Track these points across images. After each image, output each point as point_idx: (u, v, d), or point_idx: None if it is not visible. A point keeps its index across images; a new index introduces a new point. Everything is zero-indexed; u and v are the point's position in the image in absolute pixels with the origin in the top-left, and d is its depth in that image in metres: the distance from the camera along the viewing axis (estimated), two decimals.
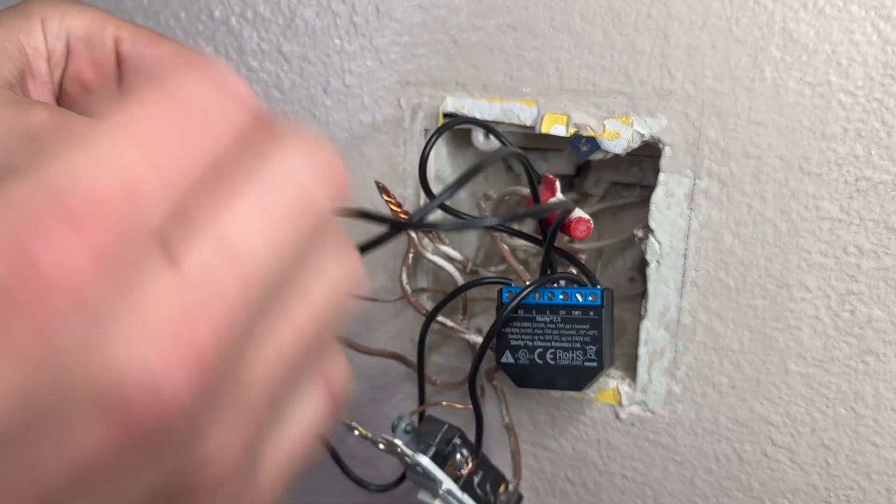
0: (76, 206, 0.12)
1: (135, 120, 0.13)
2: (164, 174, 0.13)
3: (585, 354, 0.36)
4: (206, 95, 0.14)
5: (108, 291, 0.12)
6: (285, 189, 0.15)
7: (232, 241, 0.14)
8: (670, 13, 0.36)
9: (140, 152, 0.13)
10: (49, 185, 0.12)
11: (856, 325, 0.36)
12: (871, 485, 0.37)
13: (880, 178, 0.34)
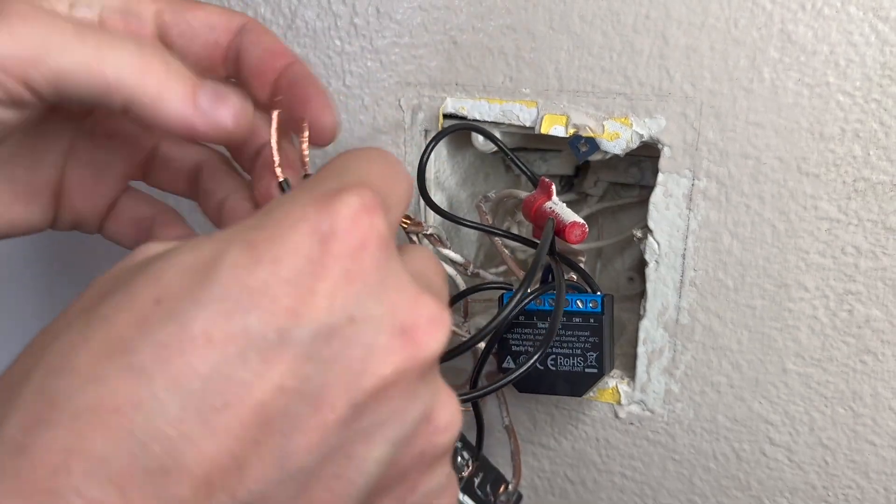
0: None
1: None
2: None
3: (586, 361, 0.36)
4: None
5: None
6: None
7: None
8: (669, 14, 0.36)
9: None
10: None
11: (854, 325, 0.36)
12: (870, 483, 0.38)
13: (878, 178, 0.34)
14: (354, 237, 0.19)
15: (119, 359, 0.17)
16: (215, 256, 0.18)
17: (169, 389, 0.17)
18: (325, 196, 0.19)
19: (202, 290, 0.18)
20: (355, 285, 0.19)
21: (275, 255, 0.18)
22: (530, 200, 0.37)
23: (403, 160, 0.44)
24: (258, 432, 0.17)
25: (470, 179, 0.47)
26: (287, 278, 0.18)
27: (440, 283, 0.23)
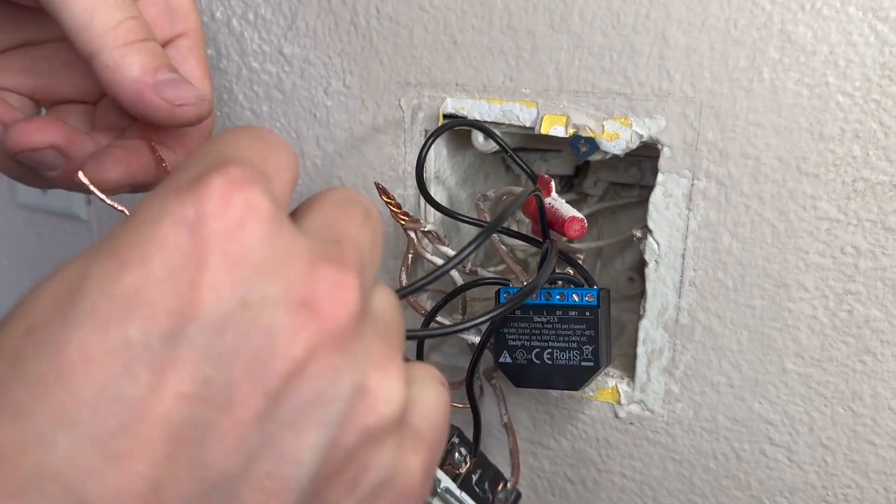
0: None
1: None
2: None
3: (582, 354, 0.36)
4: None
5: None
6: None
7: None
8: (669, 14, 0.36)
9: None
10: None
11: (853, 325, 0.36)
12: (869, 483, 0.38)
13: (878, 178, 0.34)
14: (227, 218, 0.17)
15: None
16: (81, 273, 0.17)
17: (54, 423, 0.15)
18: (187, 183, 0.17)
19: (72, 308, 0.16)
20: (239, 267, 0.17)
21: (141, 255, 0.17)
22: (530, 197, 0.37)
23: (403, 160, 0.44)
24: (167, 448, 0.16)
25: (470, 179, 0.47)
26: (160, 277, 0.17)
27: (353, 231, 0.20)
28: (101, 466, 0.15)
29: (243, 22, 0.46)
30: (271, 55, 0.46)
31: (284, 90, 0.47)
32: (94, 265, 0.17)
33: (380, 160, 0.45)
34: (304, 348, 0.17)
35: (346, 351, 0.18)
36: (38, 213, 0.64)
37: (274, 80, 0.47)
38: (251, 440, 0.17)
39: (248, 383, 0.17)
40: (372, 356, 0.20)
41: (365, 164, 0.45)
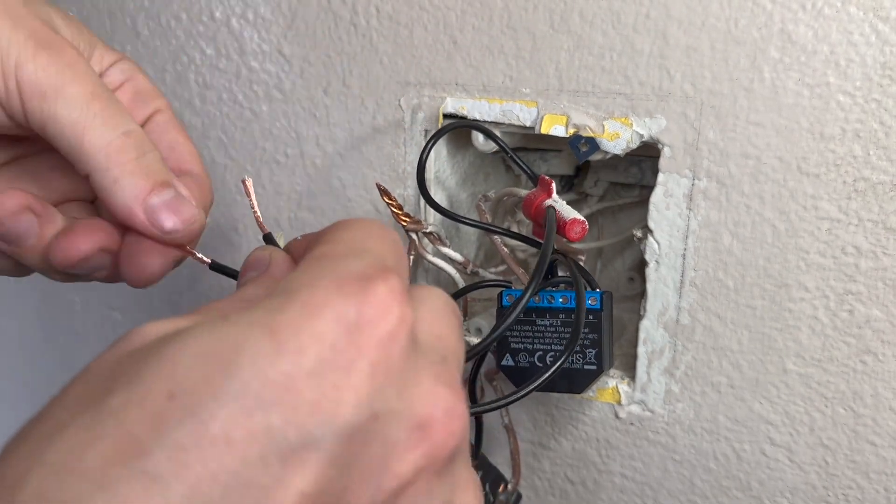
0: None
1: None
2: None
3: (585, 357, 0.36)
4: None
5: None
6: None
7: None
8: (669, 14, 0.36)
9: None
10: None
11: (854, 325, 0.36)
12: (870, 484, 0.38)
13: (878, 178, 0.34)
14: (383, 328, 0.18)
15: (132, 463, 0.16)
16: (235, 344, 0.17)
17: (186, 498, 0.16)
18: (350, 281, 0.18)
19: (222, 383, 0.16)
20: (380, 379, 0.18)
21: (299, 344, 0.17)
22: (530, 198, 0.37)
23: (403, 160, 0.44)
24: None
25: (470, 179, 0.47)
26: (311, 370, 0.17)
27: (454, 345, 0.22)
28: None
29: (243, 21, 0.46)
30: (271, 55, 0.46)
31: (284, 90, 0.46)
32: (250, 342, 0.17)
33: (380, 160, 0.45)
34: (412, 468, 0.19)
35: (444, 475, 0.20)
36: None
37: (274, 80, 0.47)
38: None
39: (360, 492, 0.18)
40: (459, 480, 0.21)
41: (365, 164, 0.45)
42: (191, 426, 0.16)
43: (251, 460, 0.16)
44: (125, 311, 0.61)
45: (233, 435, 0.16)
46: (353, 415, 0.17)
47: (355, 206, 0.46)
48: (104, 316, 0.63)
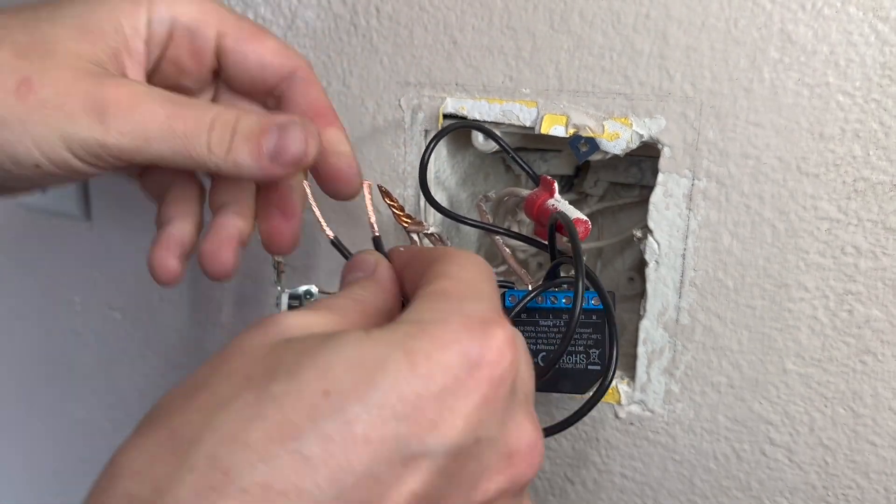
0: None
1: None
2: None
3: (589, 358, 0.36)
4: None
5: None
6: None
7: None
8: (669, 14, 0.36)
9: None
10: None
11: (854, 325, 0.36)
12: (870, 484, 0.38)
13: (878, 178, 0.34)
14: (498, 369, 0.22)
15: (290, 444, 0.19)
16: (380, 360, 0.21)
17: (329, 481, 0.19)
18: (475, 324, 0.22)
19: (367, 391, 0.20)
20: (487, 411, 0.21)
21: (429, 370, 0.21)
22: (532, 198, 0.37)
23: (403, 160, 0.44)
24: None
25: (470, 179, 0.47)
26: (435, 393, 0.21)
27: (532, 383, 0.25)
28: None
29: None
30: None
31: None
32: (391, 361, 0.21)
33: (380, 160, 0.45)
34: (497, 489, 0.22)
35: (518, 498, 0.24)
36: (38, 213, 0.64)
37: None
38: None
39: (454, 501, 0.21)
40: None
41: (365, 164, 0.45)
42: (340, 422, 0.19)
43: (380, 459, 0.20)
44: (125, 311, 0.61)
45: (371, 436, 0.20)
46: (462, 436, 0.21)
47: (356, 207, 0.47)
48: (104, 316, 0.63)
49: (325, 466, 0.19)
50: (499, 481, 0.22)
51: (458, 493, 0.21)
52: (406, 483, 0.20)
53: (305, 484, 0.19)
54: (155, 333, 0.60)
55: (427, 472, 0.20)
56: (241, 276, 0.54)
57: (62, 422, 0.69)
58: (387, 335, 0.22)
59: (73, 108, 0.28)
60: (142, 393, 0.63)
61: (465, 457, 0.21)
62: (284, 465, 0.19)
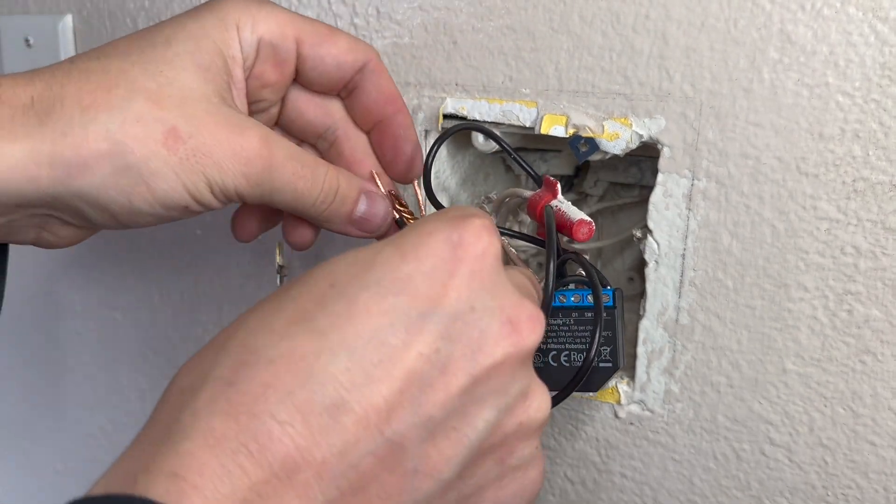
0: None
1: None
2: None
3: (599, 355, 0.36)
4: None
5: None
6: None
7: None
8: (669, 15, 0.36)
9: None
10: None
11: (853, 325, 0.36)
12: (869, 483, 0.38)
13: (878, 178, 0.34)
14: (478, 247, 0.25)
15: (304, 324, 0.23)
16: (374, 254, 0.25)
17: (340, 345, 0.23)
18: (455, 217, 0.26)
19: (364, 276, 0.24)
20: (476, 282, 0.25)
21: (417, 254, 0.24)
22: (535, 199, 0.37)
23: None
24: (402, 385, 0.23)
25: (470, 179, 0.47)
26: (426, 272, 0.24)
27: (534, 296, 0.30)
28: (362, 382, 0.22)
29: None
30: None
31: None
32: (383, 252, 0.25)
33: None
34: (502, 352, 0.25)
35: (525, 364, 0.26)
36: None
37: None
38: (452, 400, 0.24)
39: (461, 362, 0.24)
40: (534, 378, 0.27)
41: None
42: (344, 302, 0.23)
43: (384, 326, 0.23)
44: (125, 311, 0.61)
45: (371, 308, 0.23)
46: (456, 304, 0.24)
47: None
48: (104, 316, 0.63)
49: (333, 334, 0.23)
50: (503, 345, 0.25)
51: (463, 354, 0.24)
52: (412, 345, 0.23)
53: (320, 349, 0.22)
54: (155, 333, 0.60)
55: (429, 335, 0.23)
56: (242, 277, 0.54)
57: (62, 422, 0.69)
58: (381, 241, 0.26)
59: (220, 157, 0.31)
60: (142, 393, 0.63)
61: (463, 323, 0.24)
62: (301, 338, 0.23)
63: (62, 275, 0.64)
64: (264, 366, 0.22)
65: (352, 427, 0.22)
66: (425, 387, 0.23)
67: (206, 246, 0.55)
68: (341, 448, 0.22)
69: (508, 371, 0.25)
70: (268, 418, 0.21)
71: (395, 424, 0.23)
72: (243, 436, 0.21)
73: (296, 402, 0.22)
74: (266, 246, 0.52)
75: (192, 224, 0.55)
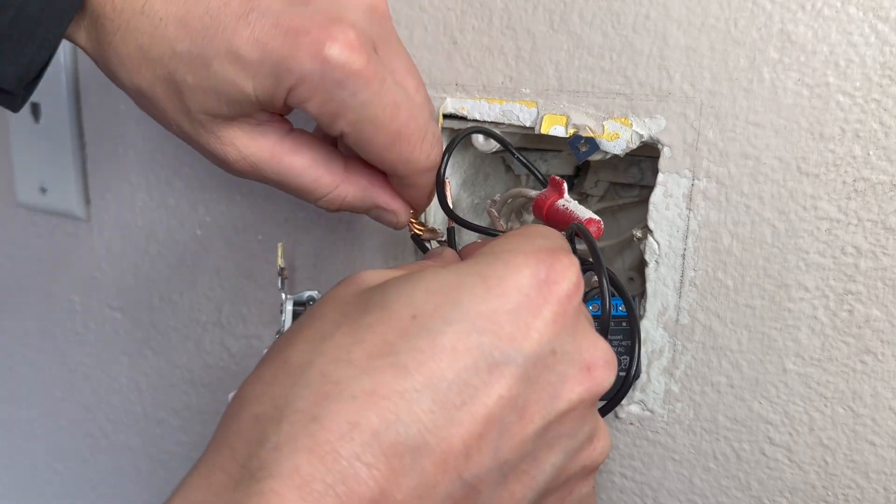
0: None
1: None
2: None
3: (620, 364, 0.36)
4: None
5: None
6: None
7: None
8: (669, 14, 0.36)
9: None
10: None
11: (854, 325, 0.36)
12: (869, 483, 0.38)
13: (878, 178, 0.34)
14: (565, 287, 0.25)
15: (387, 358, 0.22)
16: (458, 284, 0.24)
17: (425, 385, 0.22)
18: (543, 251, 0.25)
19: (450, 311, 0.23)
20: (559, 325, 0.24)
21: (503, 290, 0.24)
22: (542, 199, 0.37)
23: None
24: (482, 429, 0.22)
25: (470, 180, 0.47)
26: (510, 310, 0.23)
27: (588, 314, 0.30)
28: (443, 425, 0.22)
29: None
30: None
31: None
32: (467, 282, 0.24)
33: None
34: (578, 397, 0.25)
35: (594, 407, 0.26)
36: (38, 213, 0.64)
37: None
38: (526, 444, 0.24)
39: (538, 406, 0.24)
40: (599, 418, 0.27)
41: None
42: (428, 338, 0.23)
43: (467, 366, 0.22)
44: (125, 311, 0.61)
45: (456, 347, 0.23)
46: (538, 346, 0.24)
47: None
48: (104, 316, 0.63)
49: (419, 373, 0.22)
50: (578, 391, 0.25)
51: (542, 398, 0.24)
52: (493, 387, 0.23)
53: (404, 387, 0.22)
54: (155, 333, 0.60)
55: (510, 378, 0.23)
56: (242, 277, 0.54)
57: (62, 422, 0.69)
58: (463, 266, 0.25)
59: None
60: (142, 393, 0.63)
61: (543, 366, 0.24)
62: (385, 374, 0.22)
63: (62, 275, 0.64)
64: (348, 402, 0.21)
65: (431, 469, 0.22)
66: (503, 431, 0.23)
67: (206, 246, 0.55)
68: (421, 491, 0.22)
69: (580, 416, 0.25)
70: (354, 460, 0.21)
71: (473, 468, 0.22)
72: (330, 477, 0.20)
73: (382, 445, 0.21)
74: (266, 246, 0.52)
75: (192, 224, 0.55)
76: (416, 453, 0.21)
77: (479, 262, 0.25)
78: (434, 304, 0.23)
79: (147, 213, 0.57)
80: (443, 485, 0.22)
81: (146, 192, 0.57)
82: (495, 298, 0.23)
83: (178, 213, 0.56)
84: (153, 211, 0.57)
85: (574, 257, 0.26)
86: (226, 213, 0.53)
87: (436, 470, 0.22)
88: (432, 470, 0.22)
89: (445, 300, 0.23)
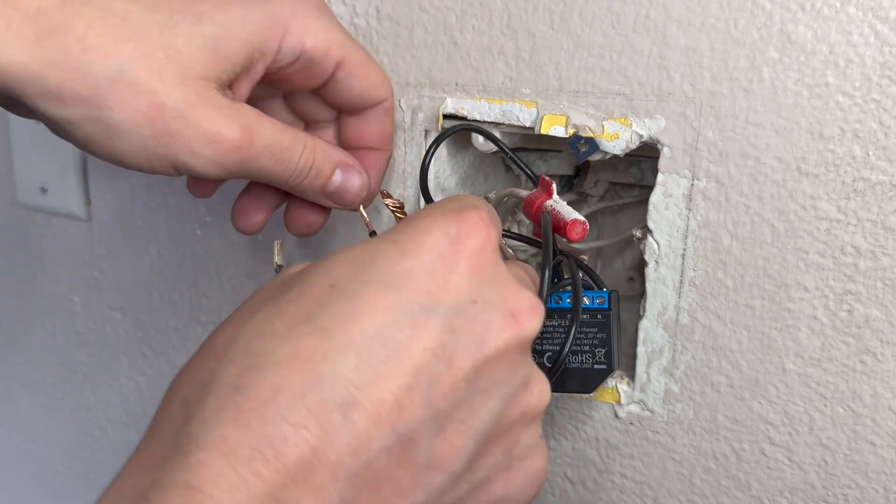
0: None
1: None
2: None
3: (594, 357, 0.36)
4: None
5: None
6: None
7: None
8: (669, 15, 0.36)
9: None
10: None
11: (853, 325, 0.36)
12: (869, 483, 0.38)
13: (878, 178, 0.34)
14: (476, 241, 0.25)
15: (308, 324, 0.23)
16: (372, 251, 0.25)
17: (347, 344, 0.22)
18: (453, 211, 0.26)
19: (365, 274, 0.24)
20: (476, 276, 0.25)
21: (416, 250, 0.24)
22: (531, 199, 0.37)
23: (404, 160, 0.44)
24: (411, 380, 0.23)
25: (470, 180, 0.47)
26: (426, 267, 0.24)
27: (533, 287, 0.30)
28: (371, 380, 0.22)
29: None
30: None
31: None
32: (381, 249, 0.25)
33: None
34: (504, 343, 0.25)
35: (525, 354, 0.26)
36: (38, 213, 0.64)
37: None
38: (458, 393, 0.24)
39: (465, 354, 0.24)
40: (534, 368, 0.28)
41: None
42: (346, 301, 0.23)
43: (387, 322, 0.23)
44: (125, 311, 0.61)
45: (375, 305, 0.23)
46: (457, 298, 0.24)
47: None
48: (104, 316, 0.63)
49: (340, 334, 0.22)
50: (504, 337, 0.25)
51: (468, 346, 0.24)
52: (416, 340, 0.23)
53: (327, 349, 0.22)
54: (155, 333, 0.60)
55: (433, 330, 0.23)
56: (242, 277, 0.54)
57: (62, 422, 0.69)
58: (378, 237, 0.26)
59: (196, 143, 0.31)
60: (142, 392, 0.63)
61: (465, 316, 0.24)
62: (306, 340, 0.22)
63: (62, 275, 0.64)
64: (272, 369, 0.22)
65: (364, 425, 0.22)
66: (433, 381, 0.23)
67: (206, 246, 0.55)
68: (355, 447, 0.22)
69: (510, 361, 0.25)
70: (281, 422, 0.21)
71: (406, 420, 0.23)
72: (257, 441, 0.21)
73: (308, 404, 0.21)
74: (265, 245, 0.52)
75: (192, 224, 0.55)
76: (346, 410, 0.22)
77: (394, 231, 0.26)
78: (351, 272, 0.24)
79: (147, 214, 0.57)
80: (377, 439, 0.22)
81: (146, 192, 0.57)
82: (410, 259, 0.24)
83: (178, 213, 0.56)
84: (153, 211, 0.57)
85: (485, 210, 0.26)
86: (226, 213, 0.53)
87: (368, 425, 0.22)
88: (364, 425, 0.22)
89: (362, 267, 0.24)
